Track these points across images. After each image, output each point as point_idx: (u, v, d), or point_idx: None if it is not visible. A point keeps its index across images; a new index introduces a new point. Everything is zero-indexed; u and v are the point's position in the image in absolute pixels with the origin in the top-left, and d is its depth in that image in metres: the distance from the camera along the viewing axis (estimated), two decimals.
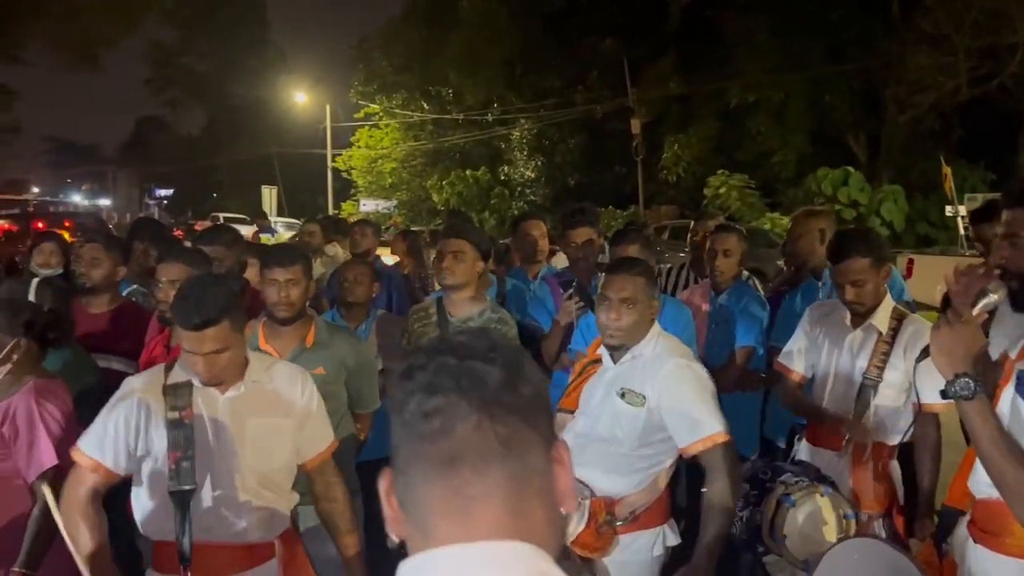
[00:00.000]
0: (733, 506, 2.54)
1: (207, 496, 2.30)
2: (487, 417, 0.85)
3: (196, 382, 2.33)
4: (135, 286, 4.10)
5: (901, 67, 20.78)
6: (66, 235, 6.67)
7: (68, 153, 78.84)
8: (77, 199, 70.30)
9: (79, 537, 2.22)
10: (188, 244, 4.28)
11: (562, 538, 0.92)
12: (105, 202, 68.76)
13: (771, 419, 3.82)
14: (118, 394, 2.39)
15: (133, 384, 2.40)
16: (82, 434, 2.38)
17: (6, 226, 20.05)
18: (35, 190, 67.57)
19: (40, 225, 18.09)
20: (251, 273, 4.10)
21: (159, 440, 2.31)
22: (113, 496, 2.43)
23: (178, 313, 2.24)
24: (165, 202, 63.87)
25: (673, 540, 2.68)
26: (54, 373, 2.82)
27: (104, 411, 2.36)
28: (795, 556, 2.61)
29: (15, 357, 2.67)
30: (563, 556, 2.52)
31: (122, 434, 2.31)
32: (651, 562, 2.61)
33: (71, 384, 2.83)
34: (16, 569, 2.44)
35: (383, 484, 0.92)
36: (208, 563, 2.28)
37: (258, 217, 18.43)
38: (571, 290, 3.61)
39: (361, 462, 3.32)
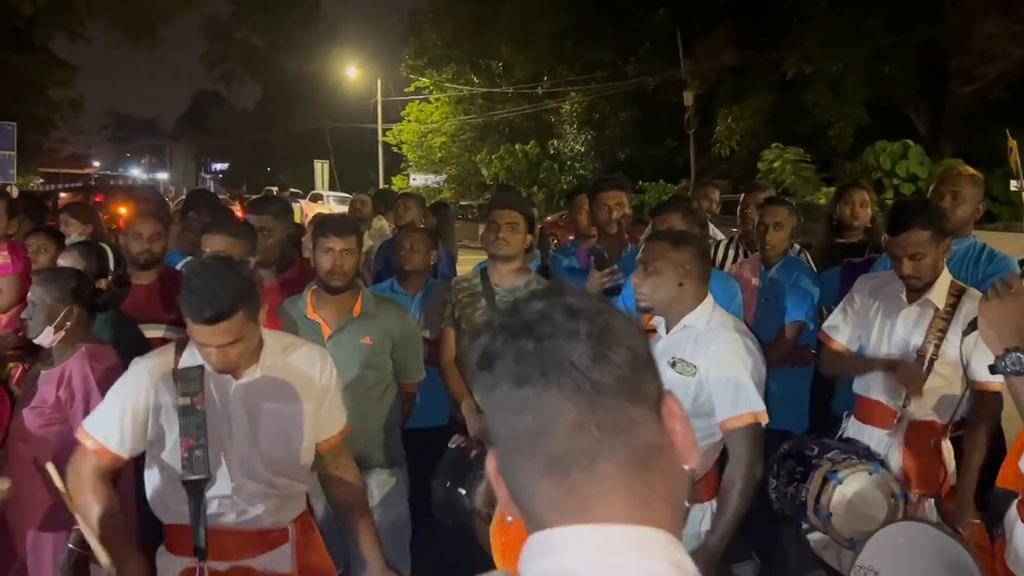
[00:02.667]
0: (750, 491, 2.51)
1: (221, 485, 2.24)
2: (586, 410, 0.76)
3: (208, 367, 2.23)
4: (189, 258, 4.19)
5: (966, 37, 20.01)
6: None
7: (127, 127, 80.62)
8: (136, 173, 72.07)
9: (88, 513, 2.16)
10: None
11: (684, 510, 0.83)
12: (163, 176, 70.35)
13: (840, 395, 3.73)
14: (126, 375, 2.31)
15: (142, 365, 2.29)
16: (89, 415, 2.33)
17: (68, 199, 20.64)
18: (96, 164, 69.48)
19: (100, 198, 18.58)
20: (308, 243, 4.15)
21: (170, 426, 2.23)
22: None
23: (188, 307, 2.10)
24: (221, 175, 64.98)
25: None
26: (103, 339, 2.91)
27: (111, 392, 2.29)
28: (840, 534, 2.58)
29: (68, 324, 2.76)
30: None
31: (127, 417, 2.23)
32: (698, 536, 2.59)
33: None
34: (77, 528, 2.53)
35: (490, 466, 0.85)
36: (220, 548, 2.22)
37: (281, 191, 18.73)
38: (593, 257, 3.55)
39: (408, 431, 3.36)
